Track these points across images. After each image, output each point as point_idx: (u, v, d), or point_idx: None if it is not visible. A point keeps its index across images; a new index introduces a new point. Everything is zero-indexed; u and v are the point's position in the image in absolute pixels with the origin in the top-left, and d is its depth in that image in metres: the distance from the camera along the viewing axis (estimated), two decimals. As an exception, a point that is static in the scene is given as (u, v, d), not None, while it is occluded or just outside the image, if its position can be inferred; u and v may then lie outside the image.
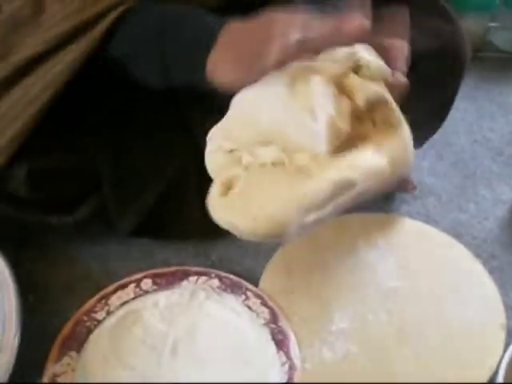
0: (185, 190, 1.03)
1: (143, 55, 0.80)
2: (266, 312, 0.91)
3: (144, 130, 1.00)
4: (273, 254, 1.02)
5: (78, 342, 0.88)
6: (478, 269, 1.01)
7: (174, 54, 0.76)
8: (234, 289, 0.94)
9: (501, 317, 0.93)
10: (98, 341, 0.88)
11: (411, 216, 1.12)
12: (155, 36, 0.78)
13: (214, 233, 1.04)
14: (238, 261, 1.03)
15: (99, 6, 0.80)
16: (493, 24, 1.61)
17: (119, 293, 0.94)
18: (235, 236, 1.06)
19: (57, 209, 0.97)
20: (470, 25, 1.55)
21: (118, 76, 0.85)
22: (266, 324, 0.90)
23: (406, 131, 0.76)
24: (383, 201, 1.14)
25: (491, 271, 1.01)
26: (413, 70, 0.95)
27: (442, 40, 0.97)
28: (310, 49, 0.70)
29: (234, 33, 0.73)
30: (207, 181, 1.04)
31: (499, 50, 1.64)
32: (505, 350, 0.82)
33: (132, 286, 0.95)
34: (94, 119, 0.96)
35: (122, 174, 0.98)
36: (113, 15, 0.79)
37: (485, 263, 1.02)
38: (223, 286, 0.95)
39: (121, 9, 0.79)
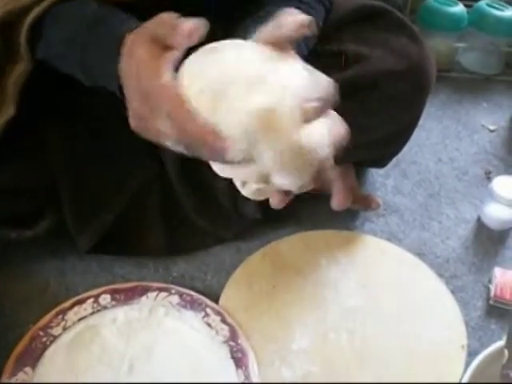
0: (146, 207, 1.03)
1: (64, 63, 0.79)
2: (225, 329, 0.90)
3: (105, 146, 0.99)
4: (234, 270, 1.01)
5: (33, 357, 0.86)
6: (440, 288, 1.01)
7: (93, 65, 0.74)
8: (193, 305, 0.93)
9: (462, 337, 0.93)
10: (53, 357, 0.87)
11: (375, 234, 1.12)
12: (74, 43, 0.75)
13: (176, 249, 1.05)
14: (199, 277, 1.02)
15: None
16: (461, 44, 1.63)
17: (76, 308, 0.93)
18: (197, 252, 1.06)
19: (16, 223, 0.96)
20: (438, 45, 1.57)
21: (76, 90, 0.84)
22: (226, 342, 0.89)
23: None
24: (347, 218, 1.14)
25: (453, 291, 1.01)
26: (378, 89, 0.96)
27: (407, 60, 0.97)
28: None
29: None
30: (169, 197, 1.04)
31: (467, 70, 1.66)
32: (465, 371, 0.82)
33: (90, 301, 0.94)
34: (52, 135, 0.95)
35: (81, 191, 0.97)
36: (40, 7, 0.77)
37: (447, 283, 1.03)
38: (183, 303, 0.94)
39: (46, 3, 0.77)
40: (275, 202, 0.75)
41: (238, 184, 0.74)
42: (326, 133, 0.66)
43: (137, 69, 0.66)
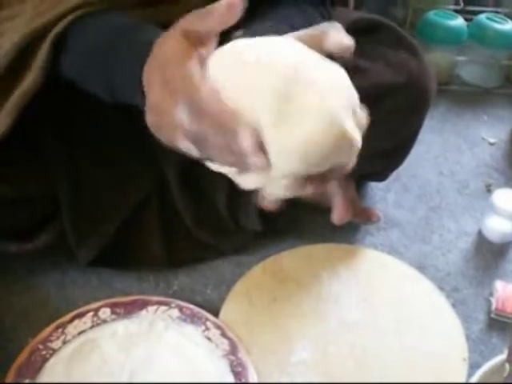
0: (146, 219, 1.03)
1: (89, 73, 0.78)
2: (225, 343, 0.90)
3: (105, 159, 0.99)
4: (235, 283, 1.01)
5: (33, 370, 0.86)
6: (441, 302, 1.01)
7: (117, 73, 0.73)
8: (193, 319, 0.93)
9: (463, 350, 0.93)
10: (53, 370, 0.86)
11: (375, 247, 1.12)
12: (101, 53, 0.75)
13: (176, 262, 1.04)
14: (199, 291, 1.02)
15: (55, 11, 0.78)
16: (460, 58, 1.63)
17: (76, 322, 0.92)
18: (197, 265, 1.06)
19: (16, 236, 0.96)
20: (438, 58, 1.57)
21: (78, 102, 0.85)
22: (225, 356, 0.88)
23: None
24: (347, 232, 1.13)
25: (454, 304, 1.01)
26: (378, 102, 0.96)
27: (407, 74, 0.97)
28: None
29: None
30: (169, 210, 1.04)
31: (466, 83, 1.66)
32: (466, 384, 0.82)
33: (90, 314, 0.93)
34: (53, 147, 0.95)
35: (81, 204, 0.97)
36: (63, 23, 0.77)
37: (448, 296, 1.03)
38: (183, 317, 0.93)
39: (70, 17, 0.77)
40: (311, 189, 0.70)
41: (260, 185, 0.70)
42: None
43: (163, 60, 0.65)
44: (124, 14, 0.78)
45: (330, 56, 0.69)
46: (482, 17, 1.62)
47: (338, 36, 0.68)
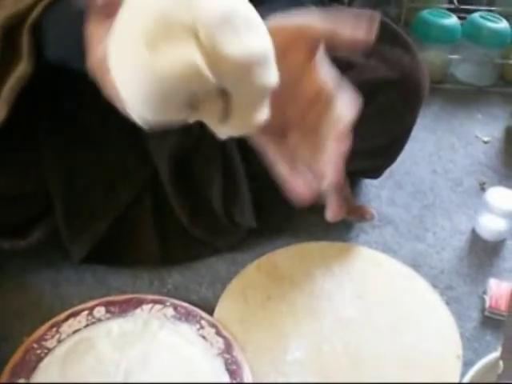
0: (139, 216, 1.03)
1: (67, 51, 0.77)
2: (220, 342, 0.90)
3: (99, 156, 0.99)
4: (230, 282, 1.01)
5: (27, 369, 0.85)
6: (434, 299, 1.01)
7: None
8: (188, 318, 0.93)
9: (457, 348, 0.93)
10: (48, 369, 0.86)
11: (369, 245, 1.12)
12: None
13: (170, 260, 1.04)
14: (193, 289, 1.02)
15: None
16: (454, 56, 1.63)
17: (71, 320, 0.92)
18: (192, 263, 1.06)
19: (9, 234, 0.96)
20: (432, 57, 1.57)
21: (72, 98, 0.85)
22: (220, 354, 0.88)
23: None
24: (342, 230, 1.14)
25: (448, 302, 1.01)
26: (371, 98, 0.96)
27: (400, 70, 0.97)
28: None
29: None
30: (163, 207, 1.04)
31: (460, 81, 1.67)
32: (460, 382, 0.82)
33: (84, 313, 0.93)
34: (46, 143, 0.95)
35: (74, 201, 0.97)
36: (39, 9, 0.77)
37: (442, 294, 1.03)
38: (178, 315, 0.93)
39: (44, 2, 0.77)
40: None
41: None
42: None
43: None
44: None
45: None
46: (476, 15, 1.62)
47: (350, 33, 0.68)
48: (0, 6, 0.81)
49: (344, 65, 0.93)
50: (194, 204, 1.04)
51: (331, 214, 1.09)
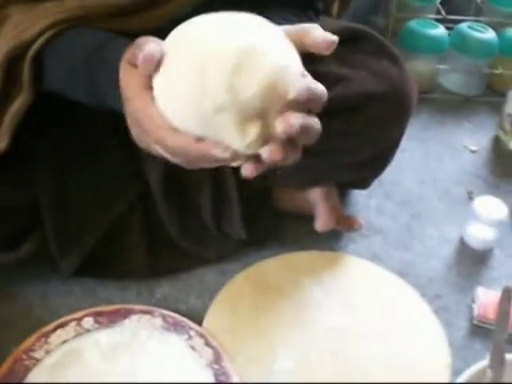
0: (129, 228, 1.03)
1: (71, 86, 0.80)
2: (209, 352, 0.90)
3: (89, 170, 0.99)
4: (218, 292, 1.01)
5: (16, 380, 0.85)
6: (423, 308, 1.01)
7: (98, 78, 0.76)
8: (177, 328, 0.93)
9: (446, 357, 0.94)
10: (36, 379, 0.86)
11: (358, 254, 1.12)
12: (82, 63, 0.77)
13: (159, 271, 1.04)
14: (182, 299, 1.02)
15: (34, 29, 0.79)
16: (442, 66, 1.64)
17: (59, 331, 0.92)
18: (180, 274, 1.06)
19: None
20: (420, 67, 1.58)
21: (64, 112, 0.85)
22: (209, 364, 0.88)
23: None
24: (330, 239, 1.14)
25: (436, 311, 1.02)
26: (359, 110, 0.96)
27: (388, 83, 0.98)
28: None
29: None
30: (152, 218, 1.04)
31: (448, 91, 1.67)
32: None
33: (73, 324, 0.93)
34: (36, 156, 0.95)
35: (63, 214, 0.97)
36: (41, 40, 0.79)
37: (430, 303, 1.03)
38: (166, 325, 0.93)
39: (49, 33, 0.79)
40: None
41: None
42: None
43: (123, 93, 0.68)
44: (95, 30, 0.80)
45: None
46: (464, 26, 1.63)
47: (322, 32, 0.68)
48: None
49: (332, 78, 0.94)
50: (183, 215, 1.04)
51: (320, 223, 1.09)
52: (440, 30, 1.61)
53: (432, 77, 1.65)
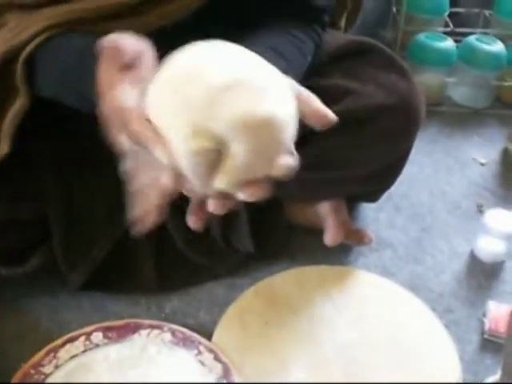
0: (137, 243, 1.02)
1: (64, 88, 0.80)
2: (218, 367, 0.89)
3: (97, 184, 0.99)
4: (227, 306, 1.01)
5: (25, 395, 0.85)
6: (434, 323, 1.01)
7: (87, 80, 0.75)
8: (186, 343, 0.92)
9: (456, 371, 0.93)
10: (45, 395, 0.86)
11: (368, 269, 1.12)
12: (72, 67, 0.78)
13: (168, 286, 1.04)
14: (191, 314, 1.01)
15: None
16: (450, 79, 1.64)
17: (68, 346, 0.92)
18: (190, 288, 1.05)
19: (6, 260, 0.96)
20: (429, 80, 1.58)
21: (70, 124, 0.85)
22: (219, 380, 0.88)
23: None
24: (340, 253, 1.13)
25: (447, 325, 1.01)
26: (368, 124, 0.96)
27: (397, 96, 0.98)
28: None
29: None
30: (161, 232, 1.04)
31: (457, 104, 1.67)
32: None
33: (82, 338, 0.93)
34: (46, 170, 0.95)
35: (72, 228, 0.97)
36: (33, 44, 0.79)
37: (441, 317, 1.02)
38: (175, 340, 0.93)
39: (41, 37, 0.79)
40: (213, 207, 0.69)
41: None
42: None
43: (101, 82, 0.70)
44: (87, 33, 0.80)
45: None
46: (472, 38, 1.63)
47: (322, 108, 0.68)
48: None
49: (341, 91, 0.94)
50: (192, 230, 1.03)
51: (330, 238, 1.09)
52: (448, 43, 1.61)
53: (440, 89, 1.65)
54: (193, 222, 0.67)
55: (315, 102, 0.68)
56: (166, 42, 0.68)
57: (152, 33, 0.78)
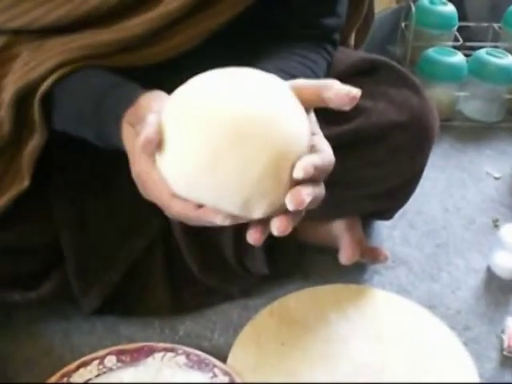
0: (151, 266, 1.02)
1: (81, 129, 0.81)
2: (234, 390, 0.88)
3: (110, 207, 0.99)
4: (242, 328, 1.00)
5: (38, 421, 0.84)
6: (452, 341, 1.00)
7: (106, 129, 0.76)
8: (201, 366, 0.91)
9: (476, 390, 0.91)
10: (59, 420, 0.85)
11: (383, 287, 1.11)
12: (89, 110, 0.78)
13: (182, 308, 1.03)
14: (206, 336, 1.00)
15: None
16: (462, 93, 1.63)
17: (82, 370, 0.91)
18: (203, 310, 1.04)
19: (20, 285, 0.95)
20: (440, 94, 1.57)
21: (81, 150, 0.85)
22: (234, 403, 0.87)
23: None
24: (355, 272, 1.12)
25: (466, 343, 1.00)
26: (382, 141, 0.96)
27: (410, 112, 0.97)
28: None
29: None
30: (174, 255, 1.03)
31: (468, 118, 1.66)
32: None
33: (95, 363, 0.92)
34: (57, 195, 0.95)
35: (85, 252, 0.97)
36: (49, 81, 0.79)
37: (459, 335, 1.01)
38: (190, 363, 0.92)
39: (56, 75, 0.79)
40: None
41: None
42: None
43: (128, 152, 0.70)
44: (102, 71, 0.80)
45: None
46: (482, 52, 1.62)
47: (344, 86, 0.65)
48: (9, 70, 0.83)
49: (353, 110, 0.93)
50: (205, 252, 1.03)
51: (345, 256, 1.08)
52: (458, 57, 1.60)
53: (452, 104, 1.64)
54: (253, 239, 0.64)
55: (333, 88, 0.65)
56: (177, 68, 0.68)
57: (154, 65, 0.79)
